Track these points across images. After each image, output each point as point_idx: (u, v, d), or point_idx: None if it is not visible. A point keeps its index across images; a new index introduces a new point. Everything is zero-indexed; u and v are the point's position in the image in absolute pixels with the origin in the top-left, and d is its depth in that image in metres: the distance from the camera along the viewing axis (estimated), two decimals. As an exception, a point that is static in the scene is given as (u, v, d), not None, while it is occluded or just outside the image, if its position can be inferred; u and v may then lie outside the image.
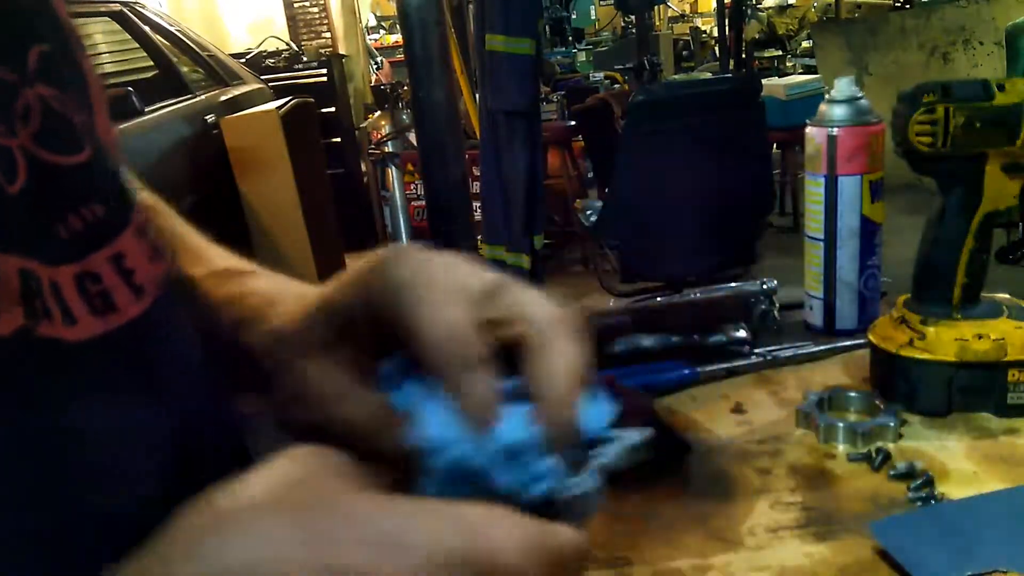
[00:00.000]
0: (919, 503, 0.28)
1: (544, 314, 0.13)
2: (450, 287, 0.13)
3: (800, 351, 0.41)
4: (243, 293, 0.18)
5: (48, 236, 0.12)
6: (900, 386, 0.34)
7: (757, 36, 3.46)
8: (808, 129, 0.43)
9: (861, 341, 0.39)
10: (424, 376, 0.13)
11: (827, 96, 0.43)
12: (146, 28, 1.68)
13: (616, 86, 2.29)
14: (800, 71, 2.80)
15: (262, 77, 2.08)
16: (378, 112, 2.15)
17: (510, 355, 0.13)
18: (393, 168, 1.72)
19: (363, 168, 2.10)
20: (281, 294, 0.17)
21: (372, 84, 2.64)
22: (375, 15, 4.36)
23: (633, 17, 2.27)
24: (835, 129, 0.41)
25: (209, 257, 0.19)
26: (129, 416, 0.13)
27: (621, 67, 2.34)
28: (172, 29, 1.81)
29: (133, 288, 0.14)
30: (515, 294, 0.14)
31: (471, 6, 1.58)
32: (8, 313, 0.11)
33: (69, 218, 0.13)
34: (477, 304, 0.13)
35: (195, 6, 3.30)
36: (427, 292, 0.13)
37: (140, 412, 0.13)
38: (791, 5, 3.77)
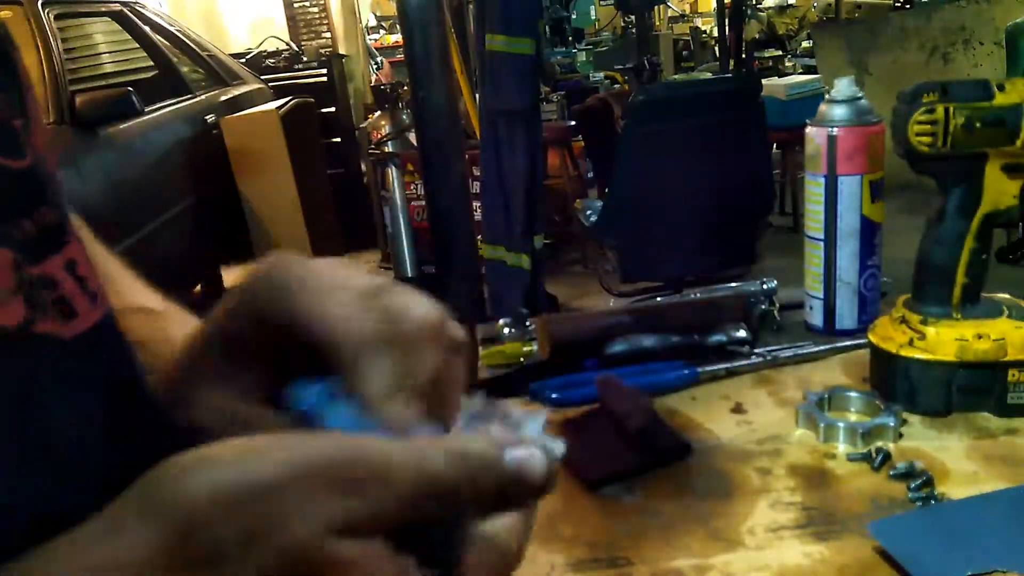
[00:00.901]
0: (919, 503, 0.28)
1: (421, 317, 0.13)
2: (337, 284, 0.13)
3: (800, 351, 0.41)
4: (150, 339, 0.17)
5: (5, 238, 0.12)
6: (900, 386, 0.34)
7: (757, 36, 3.46)
8: (808, 129, 0.43)
9: (861, 341, 0.39)
10: (326, 384, 0.13)
11: (827, 96, 0.43)
12: (146, 28, 1.68)
13: (616, 86, 2.29)
14: (800, 71, 2.80)
15: (262, 77, 2.08)
16: (378, 112, 2.14)
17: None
18: (393, 168, 1.72)
19: (363, 168, 2.10)
20: (173, 340, 0.16)
21: (372, 84, 2.64)
22: (375, 15, 4.36)
23: (633, 17, 2.27)
24: (835, 129, 0.41)
25: (122, 289, 0.19)
26: (109, 417, 0.13)
27: (621, 67, 2.34)
28: (172, 29, 1.81)
29: (89, 294, 0.14)
30: (395, 295, 0.13)
31: (471, 6, 1.58)
32: (10, 304, 0.11)
33: (21, 222, 0.13)
34: (362, 300, 0.13)
35: (195, 6, 3.30)
36: (317, 290, 0.13)
37: (115, 415, 0.13)
38: (791, 5, 3.77)
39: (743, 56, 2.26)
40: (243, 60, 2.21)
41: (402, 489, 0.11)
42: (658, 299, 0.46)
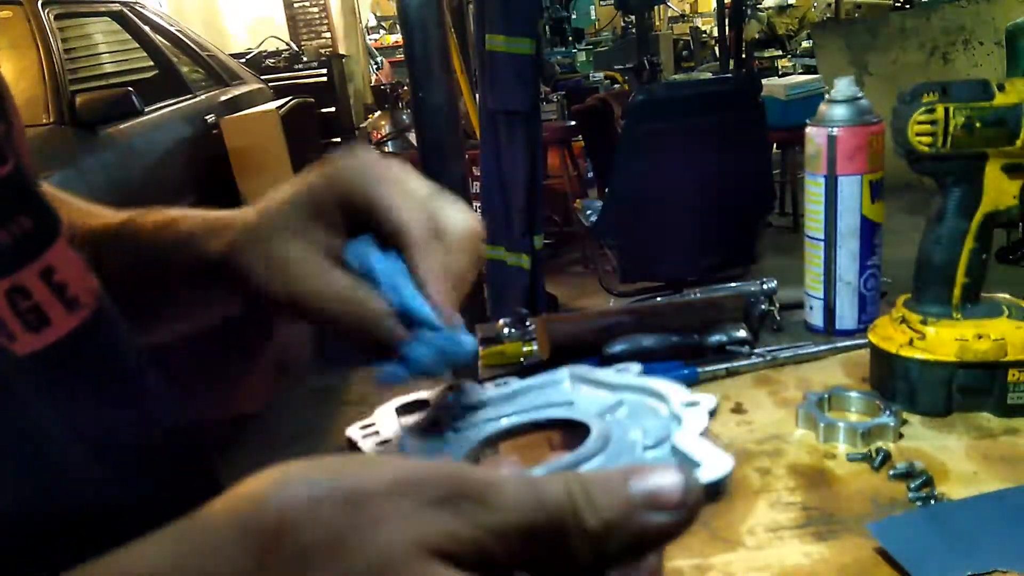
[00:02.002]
0: (919, 503, 0.28)
1: (464, 226, 0.17)
2: (407, 186, 0.17)
3: (800, 351, 0.41)
4: (174, 218, 0.19)
5: None
6: (900, 386, 0.34)
7: (757, 36, 3.46)
8: (808, 129, 0.43)
9: (861, 341, 0.39)
10: (385, 251, 0.16)
11: (827, 96, 0.43)
12: (146, 28, 1.68)
13: (616, 86, 2.29)
14: (800, 71, 2.80)
15: (262, 77, 2.08)
16: (378, 112, 2.15)
17: None
18: (393, 168, 1.70)
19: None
20: (212, 213, 0.19)
21: (372, 84, 2.64)
22: (375, 15, 4.36)
23: (633, 17, 2.26)
24: (835, 129, 0.41)
25: (104, 212, 0.21)
26: (84, 423, 0.13)
27: (621, 67, 2.34)
28: (172, 29, 1.81)
29: (65, 302, 0.14)
30: (447, 203, 0.18)
31: (471, 6, 1.58)
32: None
33: None
34: (424, 201, 0.17)
35: (195, 6, 3.30)
36: (393, 185, 0.17)
37: (90, 420, 0.13)
38: (791, 5, 3.77)
39: (743, 56, 2.25)
40: (243, 60, 2.21)
41: (510, 516, 0.09)
42: (658, 299, 0.46)
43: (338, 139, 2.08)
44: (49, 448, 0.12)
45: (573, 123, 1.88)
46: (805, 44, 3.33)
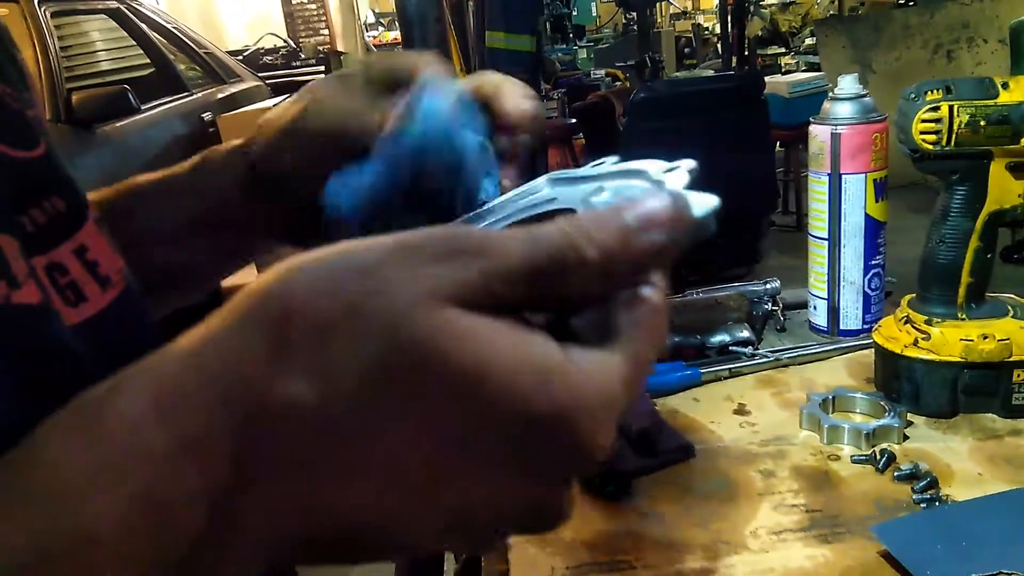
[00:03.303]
0: (924, 505, 0.28)
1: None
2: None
3: (804, 352, 0.40)
4: (232, 146, 0.20)
5: (15, 229, 0.13)
6: (905, 387, 0.34)
7: (760, 33, 3.45)
8: (812, 127, 0.42)
9: (865, 341, 0.39)
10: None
11: (831, 94, 0.42)
12: (143, 25, 1.68)
13: (617, 84, 2.28)
14: (803, 69, 2.78)
15: (259, 74, 2.07)
16: (377, 110, 2.11)
17: None
18: (393, 166, 1.70)
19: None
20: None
21: (371, 82, 2.61)
22: (373, 12, 4.34)
23: (635, 14, 2.25)
24: (839, 127, 0.41)
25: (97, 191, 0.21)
26: None
27: (623, 64, 2.33)
28: (169, 26, 1.81)
29: (99, 279, 0.15)
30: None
31: (471, 3, 1.56)
32: (29, 285, 0.12)
33: (32, 211, 0.13)
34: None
35: (192, 3, 3.29)
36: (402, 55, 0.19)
37: None
38: (794, 2, 3.75)
39: (746, 53, 2.24)
40: (240, 57, 2.22)
41: (511, 260, 0.10)
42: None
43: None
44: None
45: (574, 121, 1.86)
46: (808, 41, 3.32)
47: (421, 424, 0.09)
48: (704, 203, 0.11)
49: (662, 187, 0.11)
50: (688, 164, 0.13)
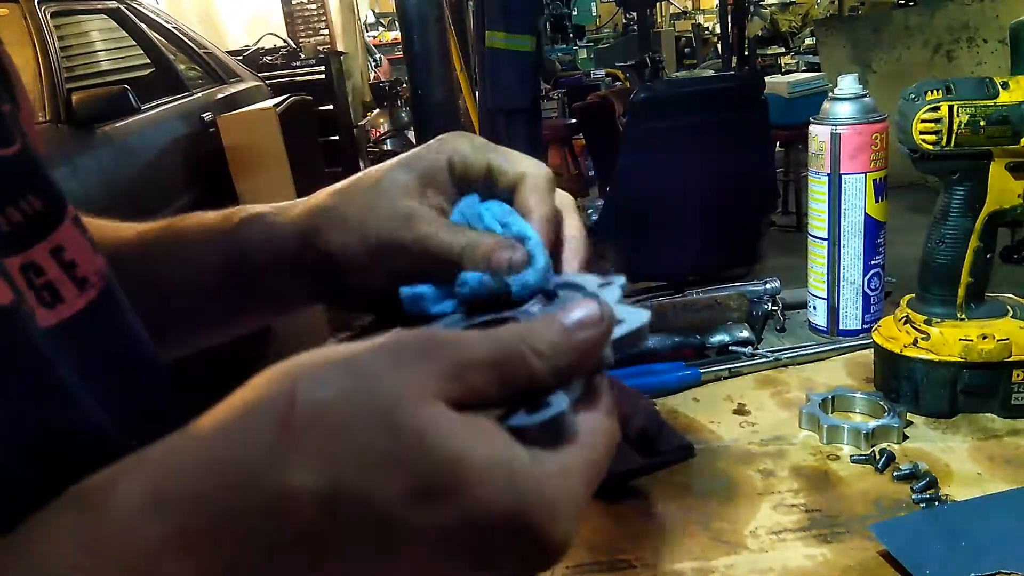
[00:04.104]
0: (923, 504, 0.28)
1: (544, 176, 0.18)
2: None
3: (803, 351, 0.40)
4: (229, 211, 0.20)
5: None
6: (904, 387, 0.34)
7: (760, 33, 3.45)
8: (812, 127, 0.42)
9: (865, 341, 0.39)
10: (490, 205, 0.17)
11: (831, 94, 0.42)
12: (143, 25, 1.67)
13: (617, 83, 2.28)
14: (803, 69, 2.78)
15: (259, 74, 2.06)
16: (377, 110, 2.14)
17: None
18: (393, 166, 1.69)
19: (361, 167, 2.10)
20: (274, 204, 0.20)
21: (371, 82, 2.63)
22: (373, 12, 4.34)
23: (635, 14, 2.24)
24: (839, 127, 0.41)
25: (126, 226, 0.21)
26: (83, 408, 0.13)
27: (623, 64, 2.33)
28: (169, 26, 1.80)
29: (76, 280, 0.14)
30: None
31: (471, 3, 1.56)
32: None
33: (7, 210, 0.13)
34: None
35: (192, 3, 3.28)
36: (507, 151, 0.18)
37: (93, 405, 0.13)
38: (794, 2, 3.75)
39: (746, 53, 2.24)
40: (240, 57, 2.20)
41: (477, 351, 0.11)
42: (660, 299, 0.46)
43: (336, 137, 2.08)
44: (68, 405, 0.12)
45: (574, 121, 1.87)
46: (808, 41, 3.32)
47: (414, 508, 0.10)
48: (636, 316, 0.13)
49: (597, 298, 0.13)
50: (620, 280, 0.15)
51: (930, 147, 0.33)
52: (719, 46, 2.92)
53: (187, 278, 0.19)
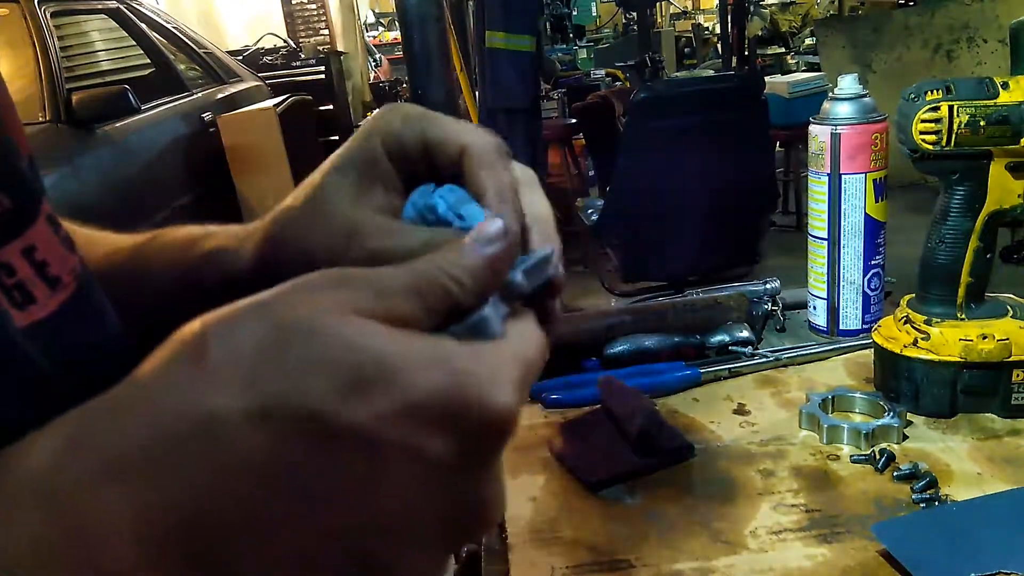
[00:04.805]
0: (923, 505, 0.28)
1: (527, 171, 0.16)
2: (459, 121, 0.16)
3: (803, 351, 0.40)
4: (196, 236, 0.18)
5: None
6: (904, 387, 0.34)
7: (760, 33, 3.45)
8: (812, 127, 0.42)
9: (865, 341, 0.39)
10: (441, 188, 0.15)
11: (831, 94, 0.42)
12: (143, 25, 1.67)
13: (617, 83, 2.28)
14: (803, 69, 2.78)
15: (259, 74, 2.07)
16: (377, 110, 2.12)
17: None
18: (393, 166, 1.69)
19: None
20: (237, 226, 0.18)
21: (371, 82, 2.63)
22: (374, 12, 4.34)
23: (635, 14, 2.24)
24: (839, 127, 0.41)
25: (103, 238, 0.20)
26: (76, 399, 0.13)
27: (623, 64, 2.33)
28: (169, 26, 1.80)
29: (48, 280, 0.14)
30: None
31: (471, 3, 1.57)
32: None
33: None
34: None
35: (192, 3, 3.28)
36: (444, 119, 0.16)
37: (82, 396, 0.13)
38: (794, 2, 3.75)
39: (746, 53, 2.24)
40: (240, 57, 2.20)
41: (396, 279, 0.11)
42: (660, 299, 0.46)
43: (336, 137, 2.08)
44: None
45: (574, 121, 1.87)
46: (808, 41, 3.32)
47: (347, 402, 0.10)
48: (542, 250, 0.14)
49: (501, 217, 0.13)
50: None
51: (930, 147, 0.33)
52: (719, 46, 2.93)
53: (151, 306, 0.18)
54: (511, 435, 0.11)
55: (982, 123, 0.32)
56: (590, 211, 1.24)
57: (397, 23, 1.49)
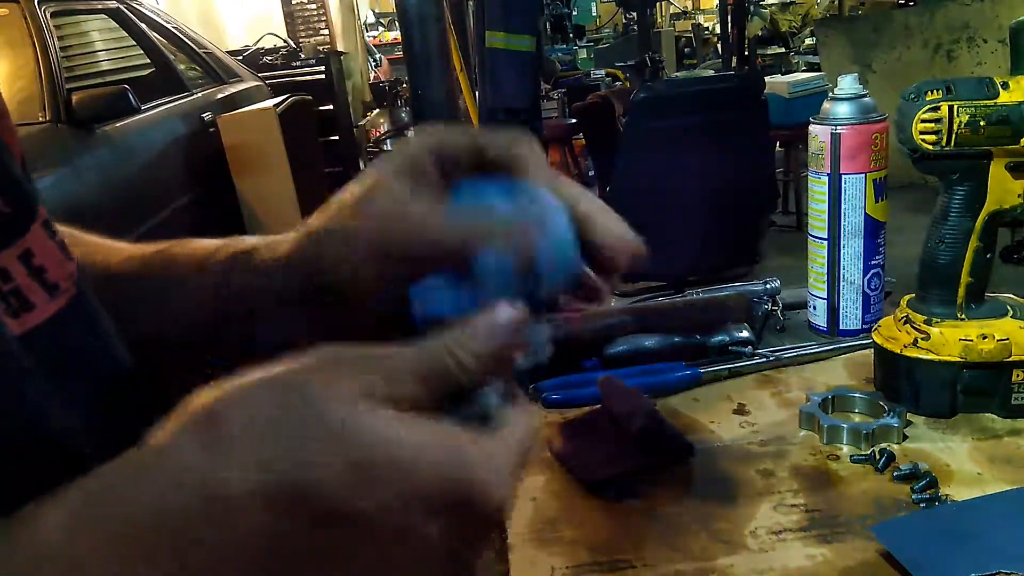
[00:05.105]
0: (923, 505, 0.28)
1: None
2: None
3: (803, 352, 0.40)
4: (221, 242, 0.18)
5: None
6: (904, 387, 0.34)
7: (760, 33, 3.45)
8: (812, 127, 0.42)
9: (865, 341, 0.39)
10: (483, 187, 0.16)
11: (831, 94, 0.42)
12: (143, 25, 1.67)
13: (617, 84, 2.28)
14: (803, 68, 2.78)
15: (259, 75, 2.07)
16: (377, 110, 2.14)
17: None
18: (392, 166, 1.69)
19: (362, 166, 2.10)
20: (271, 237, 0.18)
21: (371, 82, 2.63)
22: (373, 12, 4.35)
23: (635, 14, 2.25)
24: (839, 127, 0.41)
25: (115, 245, 0.20)
26: (76, 401, 0.13)
27: (623, 64, 2.33)
28: (169, 26, 1.80)
29: (46, 286, 0.14)
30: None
31: (471, 3, 1.57)
32: None
33: None
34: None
35: (192, 3, 3.28)
36: (494, 133, 0.17)
37: (65, 416, 0.13)
38: (794, 2, 3.75)
39: (746, 53, 2.24)
40: (240, 57, 2.20)
41: (409, 367, 0.12)
42: (660, 299, 0.46)
43: (336, 137, 2.07)
44: (41, 425, 0.12)
45: (574, 121, 1.87)
46: (808, 41, 3.32)
47: (356, 489, 0.10)
48: (542, 331, 0.14)
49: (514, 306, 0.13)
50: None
51: (930, 147, 0.33)
52: (719, 46, 2.93)
53: (171, 317, 0.18)
54: (505, 519, 0.12)
55: (982, 123, 0.32)
56: (590, 211, 1.23)
57: (397, 23, 1.50)
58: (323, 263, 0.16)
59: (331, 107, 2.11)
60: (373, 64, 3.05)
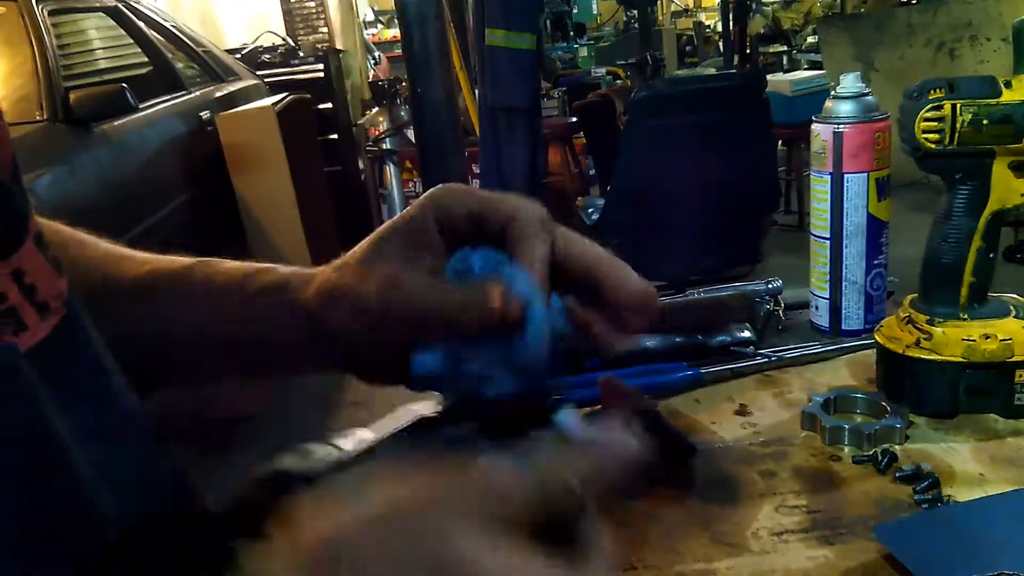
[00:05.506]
0: (925, 505, 0.28)
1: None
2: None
3: (805, 352, 0.40)
4: (251, 268, 0.19)
5: None
6: (906, 387, 0.34)
7: (762, 31, 3.44)
8: (814, 126, 0.42)
9: (867, 341, 0.39)
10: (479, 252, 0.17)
11: (833, 92, 0.42)
12: (141, 24, 1.67)
13: (618, 82, 2.27)
14: (805, 67, 2.77)
15: (258, 73, 2.06)
16: (376, 108, 2.13)
17: None
18: (391, 165, 1.71)
19: (360, 165, 2.09)
20: (294, 269, 0.19)
21: (370, 80, 2.62)
22: (373, 10, 4.34)
23: (636, 12, 2.24)
24: (841, 126, 0.40)
25: (144, 258, 0.20)
26: (71, 424, 0.13)
27: (623, 63, 2.33)
28: (167, 24, 1.79)
29: (37, 306, 0.13)
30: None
31: (470, 0, 1.56)
32: None
33: None
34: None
35: (191, 1, 3.27)
36: (491, 195, 0.17)
37: (78, 422, 0.13)
38: (796, 0, 3.73)
39: (747, 51, 2.23)
40: (239, 56, 2.20)
41: (523, 498, 0.12)
42: (661, 298, 0.45)
43: (335, 135, 2.07)
44: (34, 448, 0.12)
45: (574, 120, 1.86)
46: (810, 39, 3.31)
47: None
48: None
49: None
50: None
51: (933, 146, 0.33)
52: (720, 44, 2.92)
53: (192, 335, 0.18)
54: None
55: (985, 122, 0.32)
56: (591, 210, 1.24)
57: (396, 21, 1.48)
58: (325, 315, 0.17)
59: (330, 105, 2.10)
60: (372, 62, 3.04)
